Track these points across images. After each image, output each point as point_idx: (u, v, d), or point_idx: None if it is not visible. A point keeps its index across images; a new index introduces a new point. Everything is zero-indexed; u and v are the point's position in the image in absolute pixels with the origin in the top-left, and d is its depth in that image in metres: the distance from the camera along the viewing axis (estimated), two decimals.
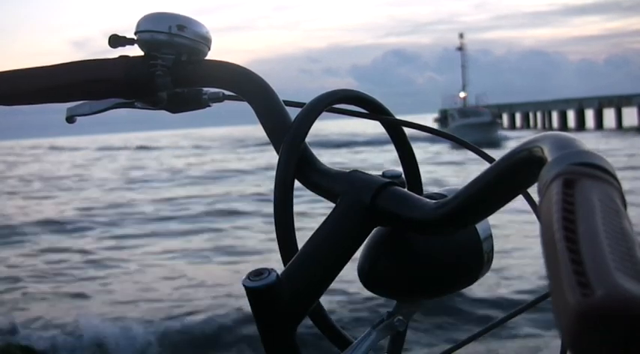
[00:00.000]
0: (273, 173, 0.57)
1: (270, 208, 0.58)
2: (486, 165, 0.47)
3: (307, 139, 0.59)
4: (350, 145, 39.38)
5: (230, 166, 27.38)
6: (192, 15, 0.70)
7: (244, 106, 0.67)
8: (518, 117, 57.96)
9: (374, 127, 0.75)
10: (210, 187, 19.67)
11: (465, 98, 57.98)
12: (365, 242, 0.55)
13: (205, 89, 0.73)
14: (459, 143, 0.69)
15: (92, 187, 21.75)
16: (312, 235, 0.53)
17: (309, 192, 0.60)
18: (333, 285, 0.54)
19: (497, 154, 0.48)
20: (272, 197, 0.56)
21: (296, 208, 0.57)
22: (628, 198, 0.31)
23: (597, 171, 0.32)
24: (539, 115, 56.71)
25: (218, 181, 21.31)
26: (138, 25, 0.69)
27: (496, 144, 33.53)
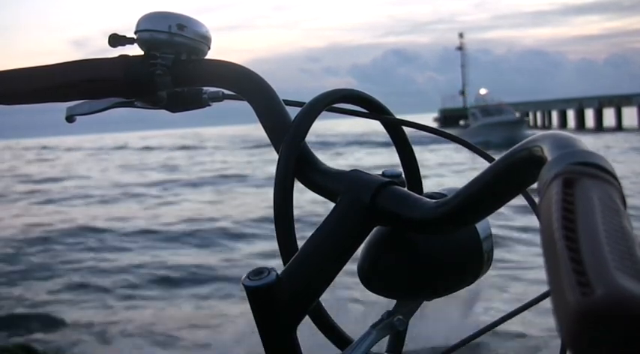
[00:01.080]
0: None
1: None
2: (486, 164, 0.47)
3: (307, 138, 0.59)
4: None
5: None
6: (191, 14, 0.70)
7: (244, 106, 0.67)
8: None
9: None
10: None
11: (486, 95, 50.82)
12: (365, 242, 0.55)
13: (205, 88, 0.73)
14: (458, 143, 0.69)
15: None
16: (312, 235, 0.53)
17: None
18: None
19: None
20: None
21: None
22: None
23: (597, 170, 0.32)
24: (539, 114, 56.72)
25: None
26: (138, 25, 0.69)
27: None
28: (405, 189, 0.55)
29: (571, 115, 52.55)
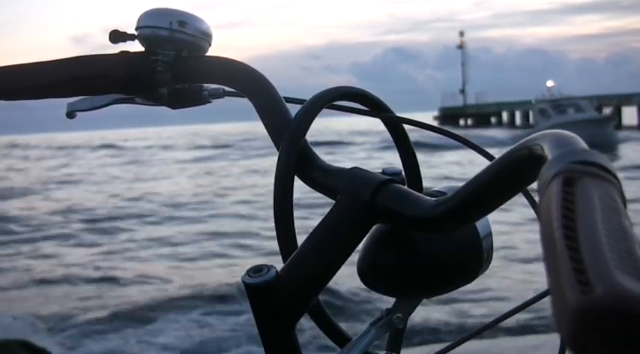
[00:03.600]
0: None
1: None
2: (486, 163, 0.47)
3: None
4: None
5: None
6: (192, 11, 0.70)
7: (245, 103, 0.67)
8: (517, 115, 57.89)
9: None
10: None
11: (553, 88, 40.14)
12: (364, 239, 0.55)
13: (206, 85, 0.73)
14: (457, 140, 0.68)
15: None
16: (312, 232, 0.53)
17: None
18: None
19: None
20: None
21: None
22: None
23: (597, 169, 0.32)
24: None
25: None
26: (138, 21, 0.69)
27: (612, 147, 25.88)
28: (405, 187, 0.55)
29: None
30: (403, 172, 0.63)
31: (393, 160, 0.69)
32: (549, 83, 41.97)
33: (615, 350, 0.24)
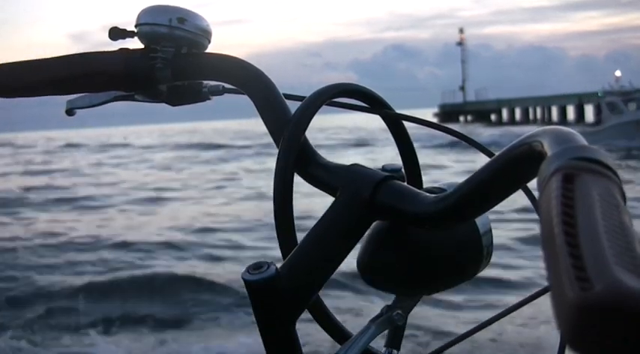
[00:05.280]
0: None
1: None
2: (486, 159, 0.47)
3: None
4: None
5: None
6: (191, 8, 0.70)
7: (244, 100, 0.67)
8: (517, 112, 57.87)
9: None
10: None
11: (620, 78, 32.75)
12: (364, 236, 0.55)
13: (205, 82, 0.73)
14: (457, 137, 0.68)
15: None
16: (312, 229, 0.53)
17: None
18: None
19: None
20: None
21: None
22: None
23: (597, 166, 0.32)
24: (538, 109, 56.61)
25: None
26: (138, 18, 0.69)
27: None
28: (405, 184, 0.55)
29: (571, 110, 52.48)
30: (403, 169, 0.63)
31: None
32: (617, 73, 35.19)
33: (615, 346, 0.24)
